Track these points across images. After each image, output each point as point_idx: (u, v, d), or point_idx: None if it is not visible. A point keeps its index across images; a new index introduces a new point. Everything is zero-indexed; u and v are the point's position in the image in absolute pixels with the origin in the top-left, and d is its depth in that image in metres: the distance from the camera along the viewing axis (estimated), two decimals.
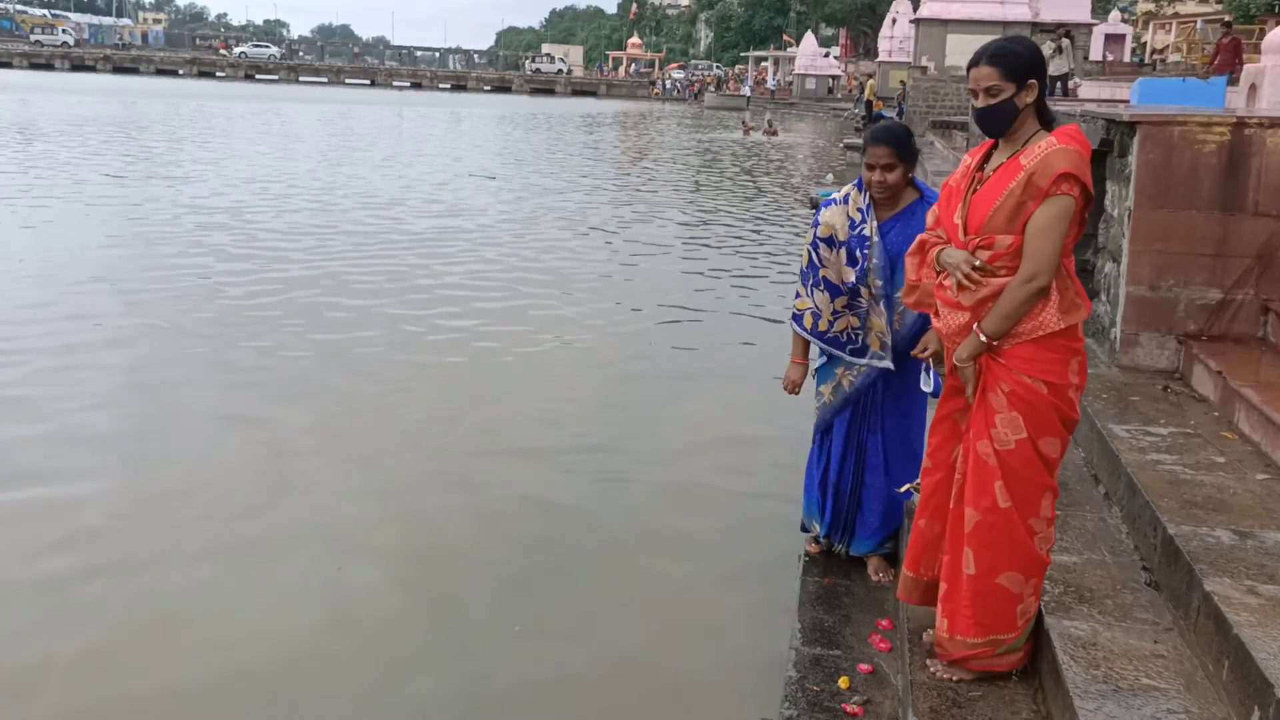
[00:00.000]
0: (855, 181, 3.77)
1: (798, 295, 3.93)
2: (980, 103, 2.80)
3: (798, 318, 3.92)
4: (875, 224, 3.65)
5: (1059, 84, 21.86)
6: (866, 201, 3.68)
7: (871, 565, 4.09)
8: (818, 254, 3.77)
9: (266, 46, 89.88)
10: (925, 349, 3.66)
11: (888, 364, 3.75)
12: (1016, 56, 2.79)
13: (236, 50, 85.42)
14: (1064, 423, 2.85)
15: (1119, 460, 3.82)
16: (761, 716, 3.52)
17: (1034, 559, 2.90)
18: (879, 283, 3.67)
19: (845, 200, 3.75)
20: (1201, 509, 3.35)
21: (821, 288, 3.79)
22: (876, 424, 3.87)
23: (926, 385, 3.66)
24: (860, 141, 3.86)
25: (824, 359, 3.95)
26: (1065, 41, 22.99)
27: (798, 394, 3.99)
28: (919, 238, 3.11)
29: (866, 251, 3.65)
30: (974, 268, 2.81)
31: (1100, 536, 3.59)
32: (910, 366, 3.73)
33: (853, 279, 3.70)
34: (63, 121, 29.20)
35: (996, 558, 2.87)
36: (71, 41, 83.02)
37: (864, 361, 3.81)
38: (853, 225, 3.69)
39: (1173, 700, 2.60)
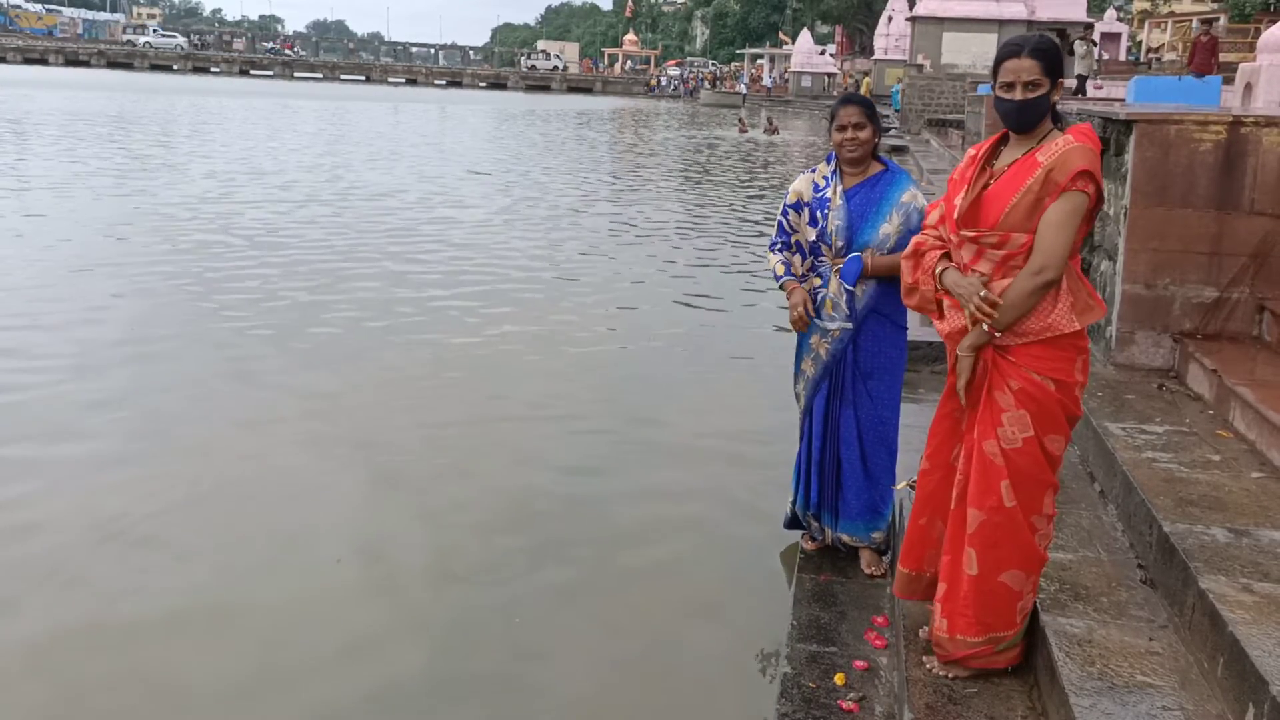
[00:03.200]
0: (827, 157, 4.01)
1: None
2: (1019, 96, 2.76)
3: (775, 273, 4.06)
4: (841, 188, 3.88)
5: (1083, 83, 21.66)
6: (833, 169, 3.94)
7: (864, 559, 4.12)
8: (787, 220, 4.03)
9: (173, 36, 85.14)
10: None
11: (845, 325, 3.91)
12: (1054, 53, 2.80)
13: (141, 40, 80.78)
14: (1069, 420, 2.86)
15: (1115, 458, 3.83)
16: (757, 713, 3.52)
17: (1035, 556, 2.91)
18: (840, 243, 3.86)
19: (813, 171, 4.04)
20: (1197, 507, 3.36)
21: (794, 249, 4.02)
22: (849, 399, 3.98)
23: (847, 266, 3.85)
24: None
25: (800, 333, 4.08)
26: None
27: (807, 317, 3.92)
28: (914, 240, 3.10)
29: (826, 212, 3.88)
30: (984, 299, 2.78)
31: (1096, 534, 3.60)
32: (871, 342, 3.91)
33: (813, 237, 3.94)
34: (66, 116, 29.12)
35: (1000, 556, 2.88)
36: (184, 45, 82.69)
37: (822, 323, 3.95)
38: (816, 189, 3.95)
39: (1168, 697, 2.60)
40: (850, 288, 3.87)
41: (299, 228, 13.01)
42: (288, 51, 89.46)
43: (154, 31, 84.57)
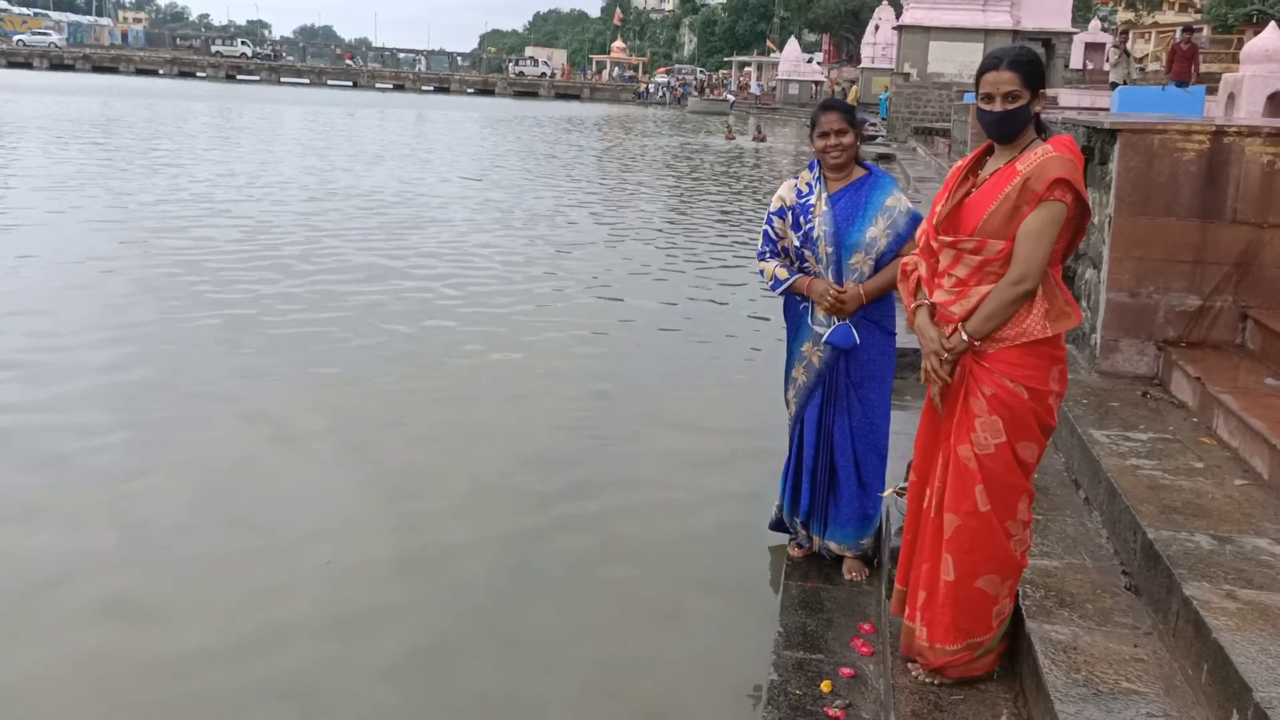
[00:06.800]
0: (810, 164, 4.03)
1: (761, 272, 4.09)
2: (998, 107, 2.81)
3: (774, 282, 4.01)
4: (825, 194, 3.89)
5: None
6: (817, 175, 3.95)
7: (846, 566, 4.13)
8: (773, 228, 4.03)
9: (47, 34, 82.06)
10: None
11: (826, 330, 3.92)
12: (1034, 65, 2.83)
13: (15, 38, 77.44)
14: (1042, 428, 2.89)
15: (1099, 465, 3.85)
16: None
17: (1010, 561, 2.93)
18: (829, 249, 3.85)
19: (796, 177, 4.04)
20: (1180, 514, 3.38)
21: (783, 257, 4.02)
22: (843, 407, 3.99)
23: (838, 335, 3.87)
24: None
25: (791, 341, 4.08)
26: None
27: (844, 296, 3.81)
28: (902, 263, 3.19)
29: (810, 218, 3.89)
30: (943, 359, 2.88)
31: (1081, 541, 3.61)
32: (861, 350, 3.91)
33: (797, 243, 3.94)
34: (57, 120, 28.99)
35: (976, 562, 2.90)
36: (250, 53, 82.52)
37: (812, 325, 3.96)
38: (800, 195, 3.95)
39: (1152, 704, 2.61)
40: (846, 348, 3.89)
41: (293, 231, 12.97)
42: (349, 61, 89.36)
43: (31, 32, 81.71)
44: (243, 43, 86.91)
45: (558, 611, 4.23)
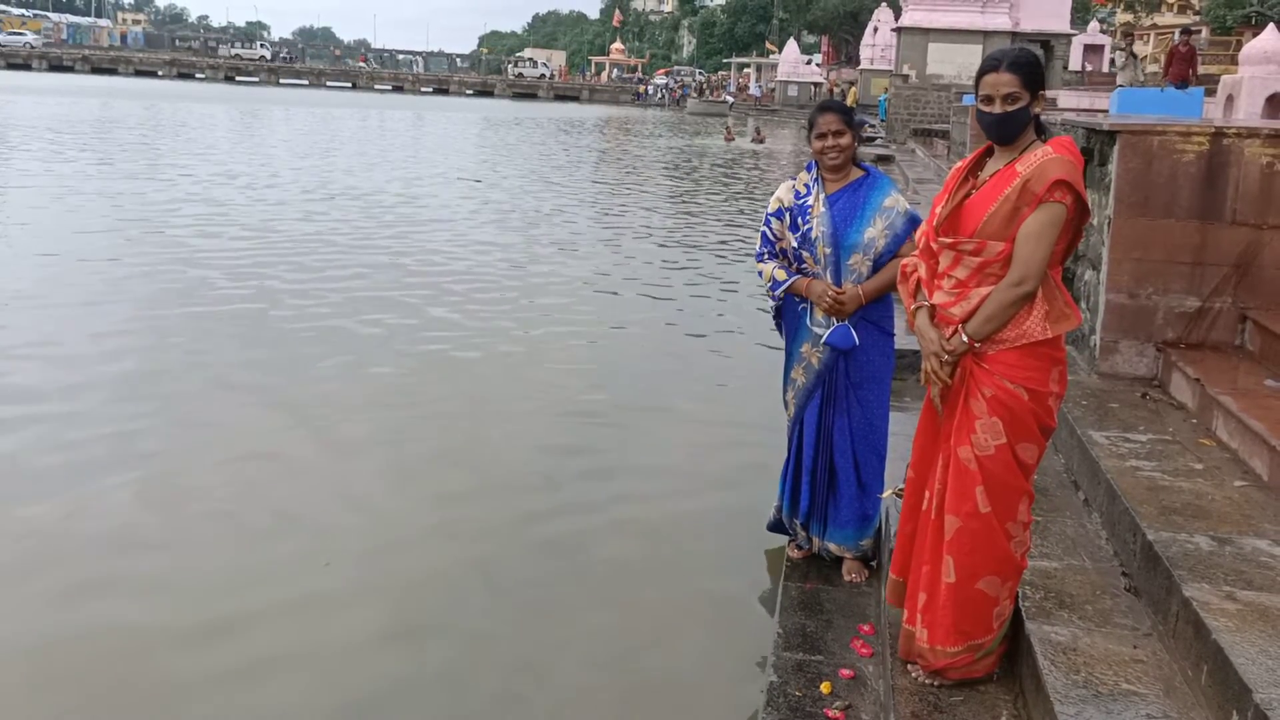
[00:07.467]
0: (807, 165, 4.03)
1: (759, 274, 4.09)
2: (998, 109, 2.81)
3: (773, 284, 4.00)
4: (824, 195, 3.89)
5: None
6: (814, 176, 3.95)
7: (845, 567, 4.13)
8: (770, 229, 4.03)
9: (22, 35, 79.02)
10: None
11: (825, 331, 3.92)
12: (1034, 67, 2.83)
13: None
14: (1041, 430, 2.89)
15: (1099, 466, 3.85)
16: None
17: (1010, 562, 2.94)
18: (827, 250, 3.85)
19: (794, 179, 4.04)
20: (1180, 515, 3.38)
21: (781, 258, 4.02)
22: (843, 408, 3.99)
23: (837, 336, 3.87)
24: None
25: (790, 342, 4.07)
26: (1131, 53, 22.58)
27: (843, 297, 3.81)
28: (901, 264, 3.19)
29: (808, 219, 3.88)
30: (944, 361, 2.89)
31: (1080, 542, 3.61)
32: (860, 350, 3.90)
33: (795, 244, 3.93)
34: (57, 122, 28.98)
35: (977, 563, 2.90)
36: (268, 55, 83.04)
37: (811, 326, 3.95)
38: (798, 196, 3.95)
39: (1152, 705, 2.61)
40: (845, 349, 3.89)
41: (298, 229, 12.98)
42: (361, 64, 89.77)
43: (6, 33, 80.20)
44: (261, 45, 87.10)
45: (555, 611, 4.23)
